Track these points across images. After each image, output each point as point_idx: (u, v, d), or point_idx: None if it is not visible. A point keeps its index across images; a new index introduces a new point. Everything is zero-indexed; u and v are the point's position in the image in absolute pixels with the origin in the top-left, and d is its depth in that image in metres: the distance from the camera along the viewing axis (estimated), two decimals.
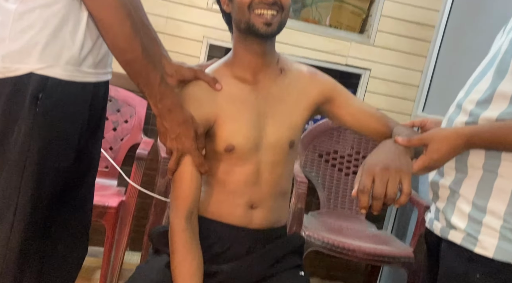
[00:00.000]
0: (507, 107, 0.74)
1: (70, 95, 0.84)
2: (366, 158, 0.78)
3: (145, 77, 0.85)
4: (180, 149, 0.90)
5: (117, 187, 1.81)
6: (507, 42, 0.78)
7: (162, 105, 0.87)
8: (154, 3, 1.94)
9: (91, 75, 0.87)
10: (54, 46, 0.81)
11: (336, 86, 1.04)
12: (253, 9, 0.89)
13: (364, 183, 0.73)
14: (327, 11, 2.22)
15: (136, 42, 0.82)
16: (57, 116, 0.83)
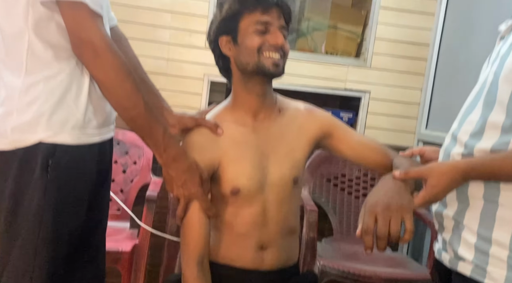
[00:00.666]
0: (499, 137, 0.75)
1: (78, 158, 0.87)
2: (367, 197, 0.80)
3: (149, 130, 0.89)
4: (187, 195, 0.92)
5: (130, 230, 1.82)
6: (492, 74, 0.80)
7: (166, 155, 0.90)
8: (155, 47, 2.01)
9: (96, 136, 0.91)
10: (60, 114, 0.85)
11: (334, 121, 1.07)
12: (262, 52, 0.94)
13: (367, 224, 0.74)
14: (322, 39, 2.27)
15: (138, 99, 0.86)
16: (67, 179, 0.86)
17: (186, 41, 2.02)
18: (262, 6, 0.93)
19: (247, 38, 0.94)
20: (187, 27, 2.02)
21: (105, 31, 0.84)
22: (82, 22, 0.80)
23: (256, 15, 0.94)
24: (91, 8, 0.80)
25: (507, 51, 0.79)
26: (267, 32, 0.94)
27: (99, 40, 0.81)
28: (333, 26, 2.26)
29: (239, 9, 0.94)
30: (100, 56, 0.82)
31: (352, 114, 2.23)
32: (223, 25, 0.97)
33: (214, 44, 1.00)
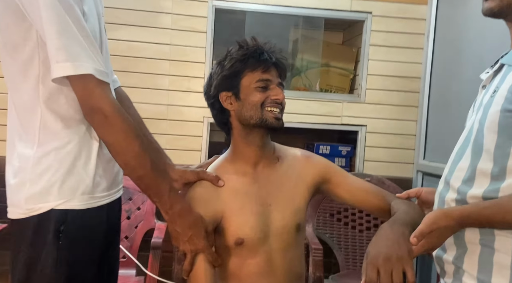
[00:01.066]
0: (489, 184, 0.78)
1: (88, 221, 0.90)
2: (368, 248, 0.82)
3: (156, 189, 0.92)
4: (193, 250, 0.94)
5: (136, 277, 1.82)
6: (477, 122, 0.84)
7: (172, 212, 0.93)
8: (155, 94, 2.08)
9: (105, 198, 0.95)
10: (70, 182, 0.89)
11: (331, 167, 1.10)
12: (264, 106, 1.00)
13: (370, 277, 0.76)
14: (316, 77, 2.34)
15: (146, 159, 0.90)
16: (78, 244, 0.89)
17: (185, 86, 2.09)
18: (263, 65, 1.00)
19: (250, 95, 1.00)
20: (185, 73, 2.09)
21: (113, 97, 0.89)
22: (91, 91, 0.85)
23: (257, 74, 1.00)
24: (98, 78, 0.85)
25: (489, 101, 0.83)
26: (267, 88, 1.00)
27: (108, 106, 0.86)
28: (326, 64, 2.34)
29: (242, 68, 1.00)
30: (110, 120, 0.86)
31: (351, 147, 2.28)
32: (225, 82, 1.01)
33: (214, 99, 1.04)
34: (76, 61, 0.82)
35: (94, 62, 0.84)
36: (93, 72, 0.84)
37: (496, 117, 0.79)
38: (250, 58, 1.00)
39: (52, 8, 0.80)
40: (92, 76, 0.84)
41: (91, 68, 0.83)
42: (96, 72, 0.84)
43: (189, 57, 2.09)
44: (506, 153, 0.77)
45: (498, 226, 0.76)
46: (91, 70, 0.83)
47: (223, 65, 1.02)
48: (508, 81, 0.80)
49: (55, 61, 0.82)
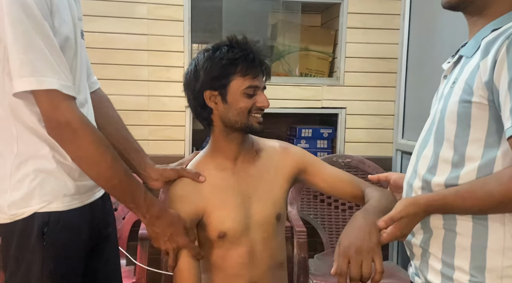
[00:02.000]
0: (450, 172, 0.83)
1: (71, 222, 0.93)
2: (340, 237, 0.87)
3: (131, 195, 0.93)
4: (175, 247, 0.98)
5: (126, 267, 1.87)
6: (439, 112, 0.88)
7: (150, 215, 0.95)
8: (135, 85, 2.07)
9: (87, 198, 0.97)
10: (50, 185, 0.91)
11: (308, 157, 1.14)
12: (251, 113, 1.03)
13: (340, 267, 0.81)
14: (295, 61, 2.36)
15: (119, 167, 0.92)
16: (62, 242, 0.92)
17: (164, 76, 2.09)
18: (253, 71, 1.01)
19: (238, 100, 1.01)
20: (164, 63, 2.09)
21: (79, 111, 0.89)
22: (57, 106, 0.85)
23: (248, 80, 1.00)
24: (64, 92, 0.85)
25: (449, 92, 0.87)
26: (254, 94, 1.02)
27: (76, 120, 0.86)
28: (305, 48, 2.35)
29: (232, 71, 1.00)
30: (79, 134, 0.86)
31: (332, 130, 2.32)
32: (212, 81, 1.01)
33: (198, 94, 1.03)
34: (41, 76, 0.82)
35: (60, 78, 0.85)
36: (58, 87, 0.84)
37: (455, 108, 0.82)
38: (242, 62, 1.00)
39: (20, 24, 0.81)
40: (57, 91, 0.84)
41: (56, 83, 0.84)
42: (61, 87, 0.85)
43: (167, 46, 2.08)
44: (464, 141, 0.81)
45: (459, 212, 0.81)
46: (56, 85, 0.84)
47: (213, 63, 1.01)
48: (465, 73, 0.83)
49: (19, 75, 0.82)
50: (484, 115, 0.78)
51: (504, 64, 0.75)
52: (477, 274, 0.80)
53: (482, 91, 0.78)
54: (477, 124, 0.79)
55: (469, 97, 0.80)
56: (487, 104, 0.78)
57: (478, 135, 0.79)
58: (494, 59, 0.76)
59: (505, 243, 0.78)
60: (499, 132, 0.77)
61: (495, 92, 0.76)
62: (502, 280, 0.78)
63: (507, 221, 0.78)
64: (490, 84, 0.77)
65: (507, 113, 0.73)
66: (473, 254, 0.80)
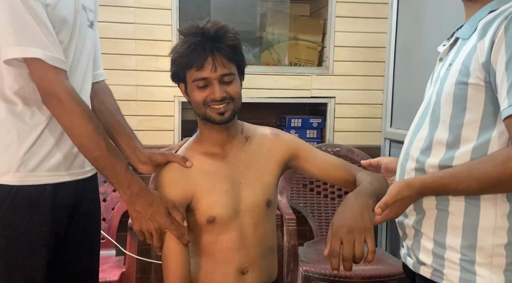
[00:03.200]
0: (445, 153, 0.84)
1: (24, 199, 0.94)
2: (333, 218, 0.87)
3: (112, 169, 0.96)
4: (157, 227, 0.97)
5: (116, 257, 1.86)
6: (435, 95, 0.88)
7: (130, 191, 0.96)
8: (123, 74, 2.04)
9: (47, 178, 0.97)
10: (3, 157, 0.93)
11: (299, 143, 1.14)
12: (207, 104, 1.00)
13: (333, 247, 0.82)
14: (285, 51, 2.35)
15: (100, 140, 0.95)
16: (14, 221, 0.93)
17: (153, 66, 2.07)
18: (196, 63, 0.96)
19: (192, 93, 1.01)
20: (152, 53, 2.06)
21: (67, 83, 0.93)
22: (43, 75, 0.90)
23: (193, 72, 0.98)
24: (49, 63, 0.89)
25: (445, 74, 0.87)
26: (208, 85, 0.98)
27: (62, 92, 0.90)
28: (294, 37, 2.35)
29: (182, 64, 0.99)
30: (65, 105, 0.91)
31: (321, 119, 2.33)
32: (175, 74, 1.03)
33: (178, 87, 1.07)
34: (26, 45, 0.87)
35: (47, 48, 0.88)
36: (43, 56, 0.88)
37: (451, 89, 0.83)
38: (188, 55, 0.97)
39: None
40: (42, 61, 0.88)
41: (40, 52, 0.87)
42: (46, 57, 0.88)
43: (155, 35, 2.05)
44: (460, 123, 0.82)
45: (453, 193, 0.82)
46: (40, 54, 0.87)
47: (172, 56, 1.01)
48: (462, 55, 0.84)
49: (6, 45, 0.87)
50: (481, 96, 0.79)
51: (502, 45, 0.75)
52: (468, 252, 0.81)
53: (479, 73, 0.78)
54: (473, 106, 0.80)
55: (466, 78, 0.80)
56: (484, 86, 0.78)
57: (474, 117, 0.80)
58: (491, 40, 0.76)
59: (496, 223, 0.80)
60: (495, 114, 0.78)
61: (492, 73, 0.77)
62: (492, 259, 0.80)
63: (499, 201, 0.80)
64: (487, 65, 0.77)
65: (504, 94, 0.74)
66: (464, 233, 0.82)
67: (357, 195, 0.91)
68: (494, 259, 0.79)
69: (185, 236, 0.99)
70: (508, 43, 0.74)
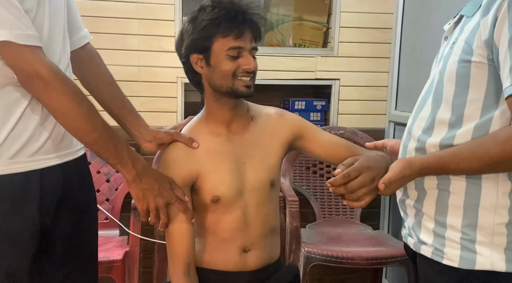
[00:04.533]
0: (447, 132, 0.83)
1: (7, 187, 0.86)
2: (363, 156, 0.89)
3: (114, 149, 0.89)
4: (165, 202, 0.94)
5: (120, 237, 1.88)
6: (438, 73, 0.87)
7: (135, 170, 0.91)
8: (125, 55, 2.02)
9: (33, 163, 0.89)
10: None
11: (304, 123, 1.12)
12: (236, 76, 0.98)
13: (351, 172, 0.83)
14: (289, 31, 2.31)
15: (97, 119, 0.87)
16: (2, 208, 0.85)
17: (155, 46, 2.05)
18: (235, 31, 0.95)
19: (221, 62, 0.97)
20: (155, 33, 2.04)
21: (48, 60, 0.83)
22: (19, 57, 0.80)
23: (229, 41, 0.95)
24: (21, 43, 0.79)
25: (449, 52, 0.85)
26: (239, 56, 0.97)
27: (45, 70, 0.81)
28: (299, 18, 2.31)
29: (213, 32, 0.95)
30: (50, 85, 0.81)
31: (325, 102, 2.31)
32: (195, 44, 0.97)
33: (186, 59, 1.01)
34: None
35: (14, 27, 0.78)
36: (10, 37, 0.78)
37: (454, 68, 0.82)
38: (223, 22, 0.94)
39: None
40: (12, 43, 0.78)
41: (5, 33, 0.78)
42: (15, 37, 0.79)
43: (157, 15, 2.03)
44: (463, 102, 0.81)
45: (454, 173, 0.81)
46: (6, 35, 0.78)
47: (195, 25, 0.97)
48: (465, 32, 0.82)
49: None
50: (483, 74, 0.78)
51: (505, 22, 0.73)
52: (469, 231, 0.81)
53: (481, 50, 0.77)
54: (476, 84, 0.79)
55: (469, 56, 0.79)
56: (487, 63, 0.77)
57: (477, 95, 0.79)
58: (494, 16, 0.75)
59: (497, 201, 0.79)
60: (498, 92, 0.77)
61: (495, 50, 0.75)
62: (493, 237, 0.79)
63: (500, 179, 0.79)
64: (490, 42, 0.76)
65: (506, 72, 0.73)
66: (465, 212, 0.81)
67: (386, 162, 0.90)
68: (495, 238, 0.79)
69: (189, 210, 0.98)
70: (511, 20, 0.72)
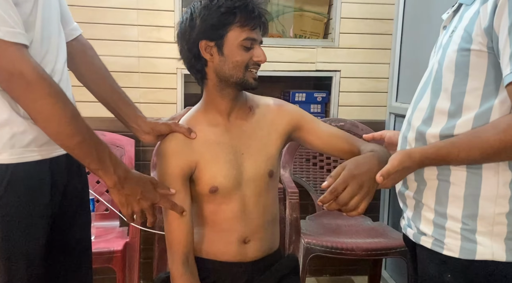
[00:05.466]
0: (446, 122, 0.82)
1: (22, 177, 0.86)
2: (350, 160, 0.87)
3: (96, 154, 0.86)
4: (150, 204, 0.94)
5: (120, 228, 1.88)
6: (437, 63, 0.86)
7: (117, 175, 0.89)
8: (125, 45, 2.01)
9: (45, 152, 0.90)
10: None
11: (303, 114, 1.12)
12: (248, 67, 0.99)
13: (336, 187, 0.82)
14: (290, 22, 2.30)
15: (80, 123, 0.84)
16: (12, 201, 0.86)
17: (155, 37, 2.03)
18: (252, 23, 0.96)
19: (235, 52, 0.97)
20: (155, 23, 2.02)
21: (33, 60, 0.80)
22: (4, 54, 0.77)
23: (246, 31, 0.96)
24: (8, 40, 0.77)
25: (447, 41, 0.85)
26: (251, 48, 0.98)
27: (30, 71, 0.78)
28: (299, 9, 2.29)
29: (231, 20, 0.95)
30: (33, 86, 0.78)
31: (326, 94, 2.30)
32: (209, 30, 0.96)
33: (193, 44, 0.98)
34: None
35: (4, 23, 0.76)
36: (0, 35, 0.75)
37: (453, 57, 0.81)
38: (241, 12, 0.95)
39: None
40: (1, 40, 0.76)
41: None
42: (4, 34, 0.76)
43: (157, 5, 2.01)
44: (462, 91, 0.80)
45: (454, 163, 0.81)
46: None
47: (210, 11, 0.96)
48: (464, 21, 0.81)
49: None
50: (483, 63, 0.77)
51: (505, 9, 0.72)
52: (469, 222, 0.81)
53: (481, 38, 0.76)
54: (475, 73, 0.78)
55: (468, 45, 0.78)
56: (486, 52, 0.76)
57: (476, 84, 0.78)
58: (494, 3, 0.74)
59: (498, 191, 0.79)
60: (498, 80, 0.76)
61: (495, 38, 0.75)
62: (494, 227, 0.79)
63: (500, 169, 0.79)
64: (489, 30, 0.75)
65: (506, 59, 0.72)
66: (466, 202, 0.81)
67: (379, 159, 0.90)
68: (495, 228, 0.79)
69: (177, 206, 0.98)
70: (511, 7, 0.72)
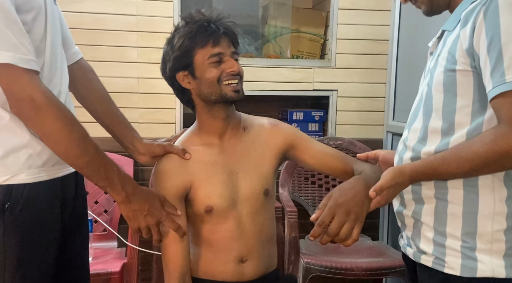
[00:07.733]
0: (440, 141, 0.85)
1: (37, 196, 0.89)
2: (335, 190, 0.87)
3: (104, 173, 0.89)
4: (156, 221, 0.96)
5: (118, 249, 1.87)
6: (426, 86, 0.90)
7: (125, 192, 0.92)
8: (124, 67, 2.04)
9: (57, 171, 0.93)
10: (13, 157, 0.87)
11: (297, 134, 1.13)
12: (221, 81, 1.00)
13: (323, 219, 0.82)
14: (287, 43, 2.34)
15: (88, 143, 0.87)
16: (28, 219, 0.88)
17: (154, 58, 2.06)
18: (212, 39, 0.98)
19: (205, 72, 1.00)
20: (154, 45, 2.06)
21: (43, 85, 0.84)
22: (16, 80, 0.80)
23: (208, 49, 0.99)
24: (22, 67, 0.80)
25: (434, 64, 0.89)
26: (221, 62, 1.00)
27: (39, 95, 0.82)
28: (296, 30, 2.34)
29: (191, 45, 0.98)
30: (42, 110, 0.82)
31: (323, 112, 2.32)
32: (178, 62, 1.01)
33: (172, 80, 1.05)
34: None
35: (18, 50, 0.80)
36: (14, 61, 0.80)
37: (441, 78, 0.85)
38: (198, 34, 0.98)
39: None
40: (13, 66, 0.80)
41: (11, 57, 0.79)
42: (18, 61, 0.80)
43: (156, 27, 2.05)
44: (452, 109, 0.83)
45: (445, 176, 0.82)
46: (11, 59, 0.79)
47: (172, 45, 1.01)
48: (448, 44, 0.86)
49: None
50: (469, 81, 0.81)
51: (482, 30, 0.77)
52: (469, 239, 0.82)
53: (464, 58, 0.80)
54: (463, 92, 0.81)
55: (453, 65, 0.82)
56: (471, 70, 0.80)
57: (465, 102, 0.81)
58: (472, 26, 0.79)
59: (495, 208, 0.80)
60: (484, 97, 0.79)
61: (476, 57, 0.79)
62: (492, 244, 0.80)
63: (496, 186, 0.80)
64: (470, 51, 0.79)
65: (488, 76, 0.76)
66: (464, 220, 0.82)
67: (366, 182, 0.90)
68: (494, 245, 0.80)
69: (181, 228, 0.99)
70: (488, 27, 0.76)
